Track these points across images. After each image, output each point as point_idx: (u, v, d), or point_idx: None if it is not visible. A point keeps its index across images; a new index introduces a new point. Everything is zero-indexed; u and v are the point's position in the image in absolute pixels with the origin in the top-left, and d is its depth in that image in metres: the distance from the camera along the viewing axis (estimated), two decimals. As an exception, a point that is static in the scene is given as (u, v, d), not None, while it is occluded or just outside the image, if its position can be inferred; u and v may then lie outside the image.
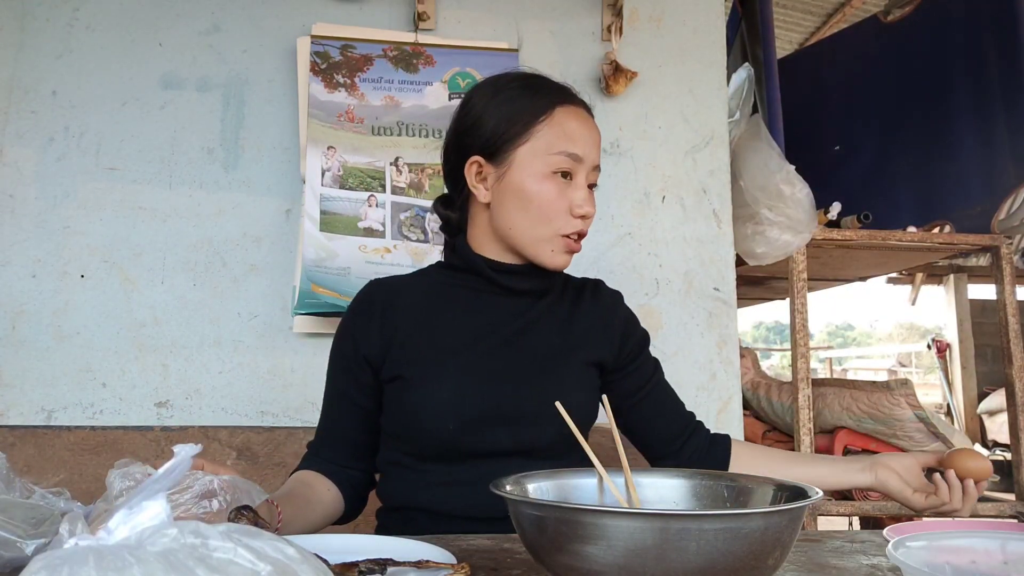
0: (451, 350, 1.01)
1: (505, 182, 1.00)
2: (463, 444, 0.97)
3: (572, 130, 1.00)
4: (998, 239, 2.13)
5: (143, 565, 0.37)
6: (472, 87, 1.09)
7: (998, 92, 2.14)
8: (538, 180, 0.99)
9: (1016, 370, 2.09)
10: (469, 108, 1.04)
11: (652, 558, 0.53)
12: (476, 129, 1.02)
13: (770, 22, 2.11)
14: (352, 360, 1.04)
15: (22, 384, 1.60)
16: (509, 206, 1.00)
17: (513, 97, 1.01)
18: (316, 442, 1.09)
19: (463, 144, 1.04)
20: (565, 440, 0.92)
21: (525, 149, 0.99)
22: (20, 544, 0.65)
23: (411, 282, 1.09)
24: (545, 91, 1.02)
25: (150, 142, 1.71)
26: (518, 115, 1.00)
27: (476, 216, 1.06)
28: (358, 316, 1.05)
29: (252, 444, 1.59)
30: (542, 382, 1.00)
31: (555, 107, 1.00)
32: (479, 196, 1.02)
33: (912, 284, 4.06)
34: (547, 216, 0.99)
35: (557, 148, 0.99)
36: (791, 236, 1.91)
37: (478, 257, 1.05)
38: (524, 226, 1.00)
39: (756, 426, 2.41)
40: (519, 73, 1.06)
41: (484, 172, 1.02)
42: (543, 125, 0.99)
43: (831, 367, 9.67)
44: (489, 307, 1.05)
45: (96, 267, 1.65)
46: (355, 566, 0.61)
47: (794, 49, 4.41)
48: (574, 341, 1.06)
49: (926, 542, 0.63)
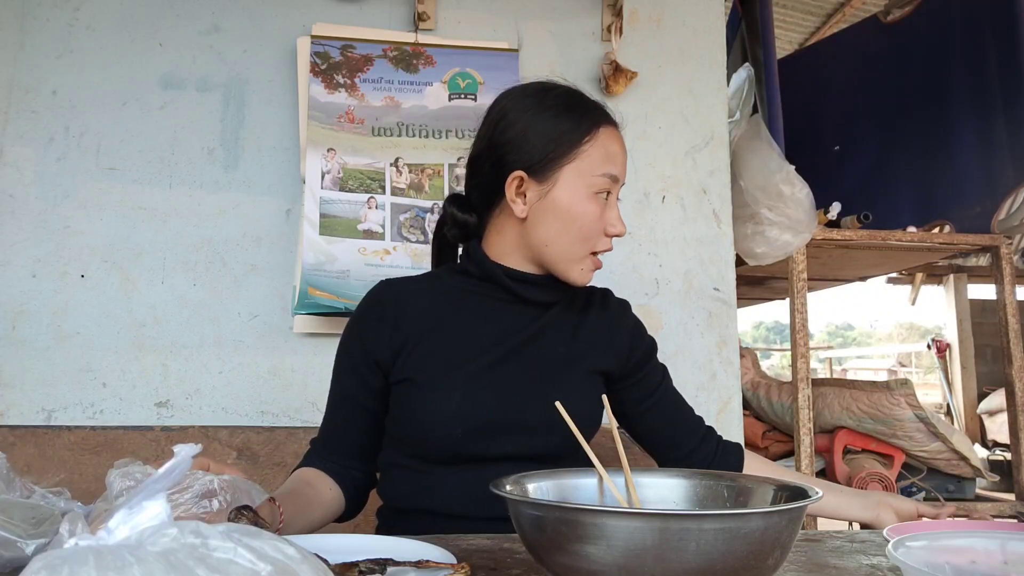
0: (461, 356, 1.01)
1: (548, 200, 1.00)
2: (468, 450, 0.98)
3: (614, 151, 1.01)
4: (998, 239, 2.13)
5: (143, 565, 0.37)
6: (504, 96, 1.06)
7: (998, 92, 2.14)
8: (583, 200, 0.99)
9: (1016, 370, 2.09)
10: (509, 121, 1.02)
11: (652, 558, 0.53)
12: (519, 144, 1.00)
13: (770, 22, 2.11)
14: (360, 362, 1.04)
15: (22, 384, 1.60)
16: (550, 224, 1.00)
17: (559, 115, 1.00)
18: (319, 440, 1.08)
19: (502, 157, 1.01)
20: (570, 448, 0.94)
21: (571, 168, 0.99)
22: (20, 544, 0.65)
23: (422, 284, 1.09)
24: (589, 110, 1.02)
25: (150, 142, 1.71)
26: (565, 135, 0.99)
27: (503, 227, 1.05)
28: (369, 317, 1.05)
29: (252, 444, 1.59)
30: (548, 391, 1.00)
31: (599, 127, 1.01)
32: (516, 211, 1.01)
33: (912, 284, 4.06)
34: (586, 236, 1.00)
35: (601, 170, 0.99)
36: (791, 236, 1.91)
37: (496, 266, 1.05)
38: (563, 244, 1.01)
39: (756, 426, 2.41)
40: (562, 89, 1.04)
41: (525, 188, 1.01)
42: (588, 145, 0.99)
43: (831, 367, 9.67)
44: (500, 315, 1.05)
45: (96, 267, 1.65)
46: (355, 566, 0.61)
47: (794, 49, 4.41)
48: (580, 350, 1.07)
49: (926, 542, 0.63)
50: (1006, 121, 2.12)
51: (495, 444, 0.98)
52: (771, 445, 2.40)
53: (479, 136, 1.06)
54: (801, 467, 1.98)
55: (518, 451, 0.99)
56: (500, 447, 0.98)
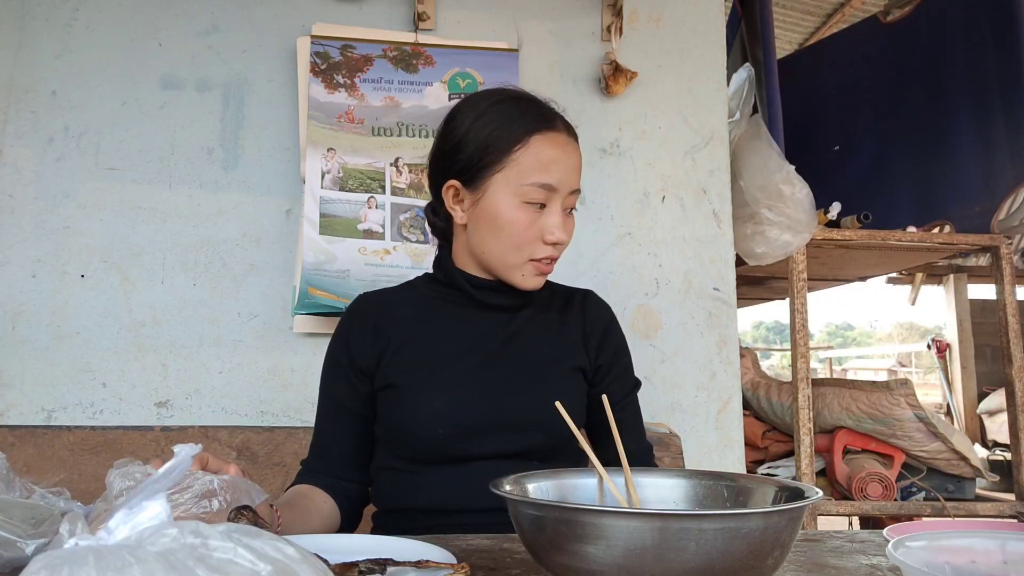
0: (441, 361, 1.03)
1: (479, 208, 1.01)
2: (453, 449, 1.00)
3: (547, 159, 0.99)
4: (998, 239, 2.13)
5: (143, 565, 0.37)
6: (457, 104, 1.07)
7: (997, 92, 2.14)
8: (510, 209, 0.99)
9: (1016, 370, 2.09)
10: (452, 128, 1.04)
11: (651, 558, 0.53)
12: (455, 153, 1.02)
13: (770, 22, 2.11)
14: (348, 369, 1.06)
15: (22, 384, 1.60)
16: (483, 231, 1.02)
17: (494, 122, 1.00)
18: (311, 458, 1.09)
19: (443, 166, 1.04)
20: (555, 444, 0.99)
21: (499, 177, 0.99)
22: (20, 544, 0.65)
23: (400, 294, 1.12)
24: (523, 117, 1.00)
25: (150, 142, 1.71)
26: (494, 143, 0.99)
27: (457, 233, 1.08)
28: (352, 328, 1.08)
29: (252, 444, 1.59)
30: (532, 390, 1.02)
31: (531, 135, 0.99)
32: (456, 218, 1.04)
33: (912, 284, 4.06)
34: (518, 244, 1.00)
35: (530, 179, 0.98)
36: (791, 236, 1.91)
37: (458, 272, 1.07)
38: (496, 251, 1.02)
39: (756, 426, 2.41)
40: (502, 95, 1.04)
41: (461, 195, 1.03)
42: (518, 154, 0.98)
43: (831, 367, 9.67)
44: (473, 320, 1.08)
45: (96, 267, 1.65)
46: (355, 566, 0.61)
47: (794, 49, 4.41)
48: (563, 349, 1.08)
49: (926, 542, 0.63)
50: (1006, 121, 2.12)
51: (478, 443, 1.00)
52: (771, 445, 2.40)
53: (432, 143, 1.09)
54: (801, 467, 1.98)
55: (503, 449, 1.00)
56: (484, 446, 1.00)
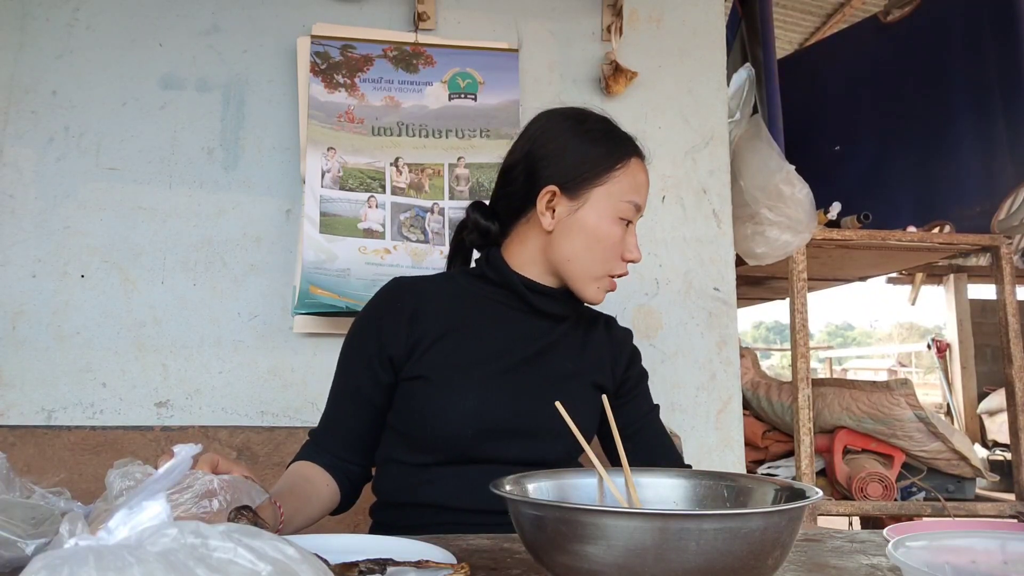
0: (476, 360, 1.03)
1: (576, 217, 1.04)
2: (476, 452, 1.00)
3: (640, 182, 1.07)
4: (998, 239, 2.13)
5: (143, 565, 0.37)
6: (545, 115, 1.12)
7: (997, 92, 2.14)
8: (608, 223, 1.04)
9: (1016, 370, 2.09)
10: (548, 137, 1.07)
11: (652, 558, 0.53)
12: (556, 160, 1.05)
13: (770, 22, 2.11)
14: (376, 357, 1.05)
15: (22, 384, 1.60)
16: (575, 240, 1.05)
17: (596, 140, 1.06)
18: (319, 431, 1.09)
19: (538, 170, 1.06)
20: (572, 456, 1.03)
21: (601, 191, 1.04)
22: (20, 544, 0.65)
23: (437, 285, 1.11)
24: (624, 139, 1.08)
25: (150, 142, 1.71)
26: (602, 158, 1.05)
27: (526, 237, 1.09)
28: (386, 315, 1.06)
29: (252, 444, 1.59)
30: (555, 401, 1.02)
31: (632, 156, 1.07)
32: (544, 223, 1.06)
33: (912, 284, 4.06)
34: (607, 257, 1.05)
35: (628, 196, 1.05)
36: (791, 236, 1.91)
37: (515, 274, 1.08)
38: (584, 261, 1.05)
39: (756, 426, 2.41)
40: (599, 116, 1.10)
41: (555, 202, 1.05)
42: (620, 172, 1.05)
43: (831, 367, 9.67)
44: (515, 323, 1.08)
45: (96, 267, 1.65)
46: (355, 566, 0.61)
47: (794, 49, 4.41)
48: (586, 366, 1.11)
49: (926, 542, 0.63)
50: (1006, 121, 2.12)
51: (503, 447, 1.01)
52: (771, 445, 2.40)
53: (515, 148, 1.11)
54: (801, 467, 1.98)
55: (524, 457, 1.01)
56: (507, 450, 1.01)
